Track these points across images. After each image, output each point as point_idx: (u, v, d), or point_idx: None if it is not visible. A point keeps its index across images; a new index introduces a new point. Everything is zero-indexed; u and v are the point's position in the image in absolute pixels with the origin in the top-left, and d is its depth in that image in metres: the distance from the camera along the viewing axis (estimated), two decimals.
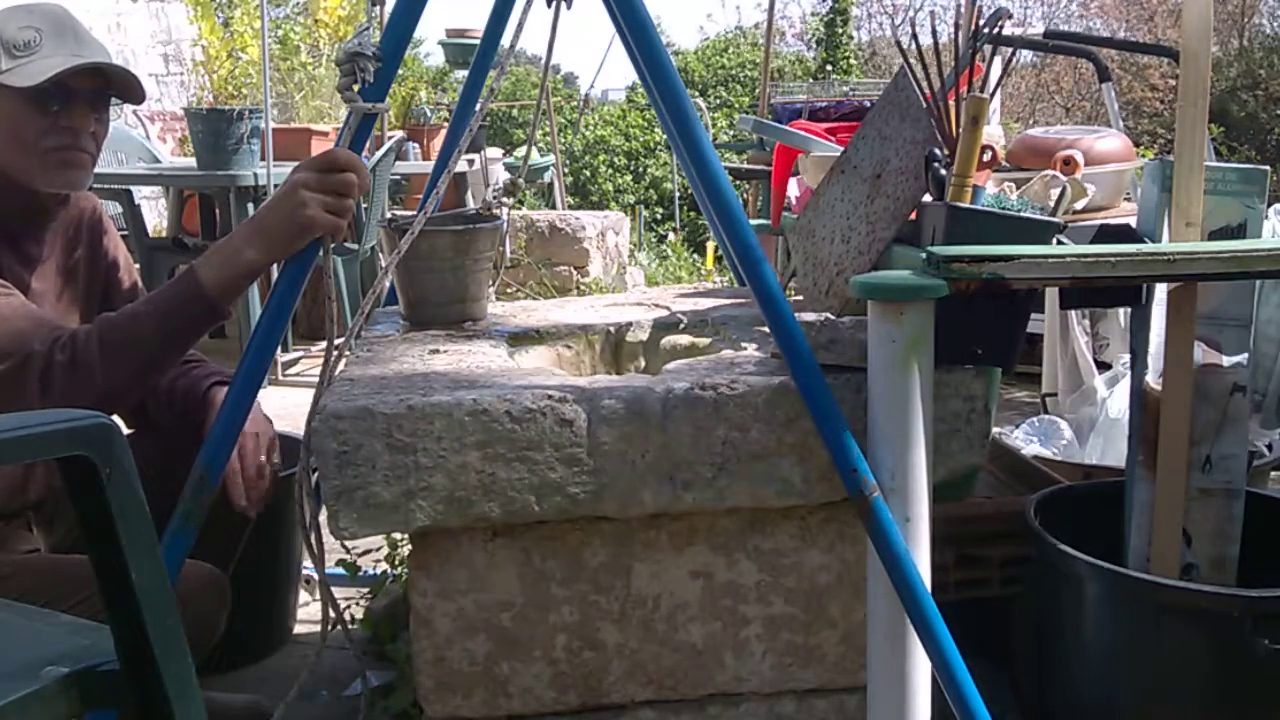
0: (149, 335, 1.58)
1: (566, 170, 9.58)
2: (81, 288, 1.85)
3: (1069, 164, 2.30)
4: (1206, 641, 1.57)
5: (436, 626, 1.61)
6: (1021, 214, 1.62)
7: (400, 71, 2.82)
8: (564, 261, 6.02)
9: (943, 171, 1.62)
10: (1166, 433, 1.65)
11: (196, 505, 1.53)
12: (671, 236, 8.03)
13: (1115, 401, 2.62)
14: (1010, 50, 2.10)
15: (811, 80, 9.84)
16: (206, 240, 5.33)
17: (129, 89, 1.75)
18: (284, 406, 3.68)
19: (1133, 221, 1.86)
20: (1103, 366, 3.04)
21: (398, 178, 5.61)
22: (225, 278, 1.58)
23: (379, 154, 4.81)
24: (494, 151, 6.50)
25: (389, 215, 2.32)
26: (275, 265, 1.60)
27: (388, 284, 2.13)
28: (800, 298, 1.96)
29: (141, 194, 5.76)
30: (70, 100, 1.68)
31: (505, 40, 1.90)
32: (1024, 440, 2.68)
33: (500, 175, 6.06)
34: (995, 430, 2.46)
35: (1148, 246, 1.64)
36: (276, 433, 1.85)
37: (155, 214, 6.96)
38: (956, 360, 1.57)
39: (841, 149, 2.04)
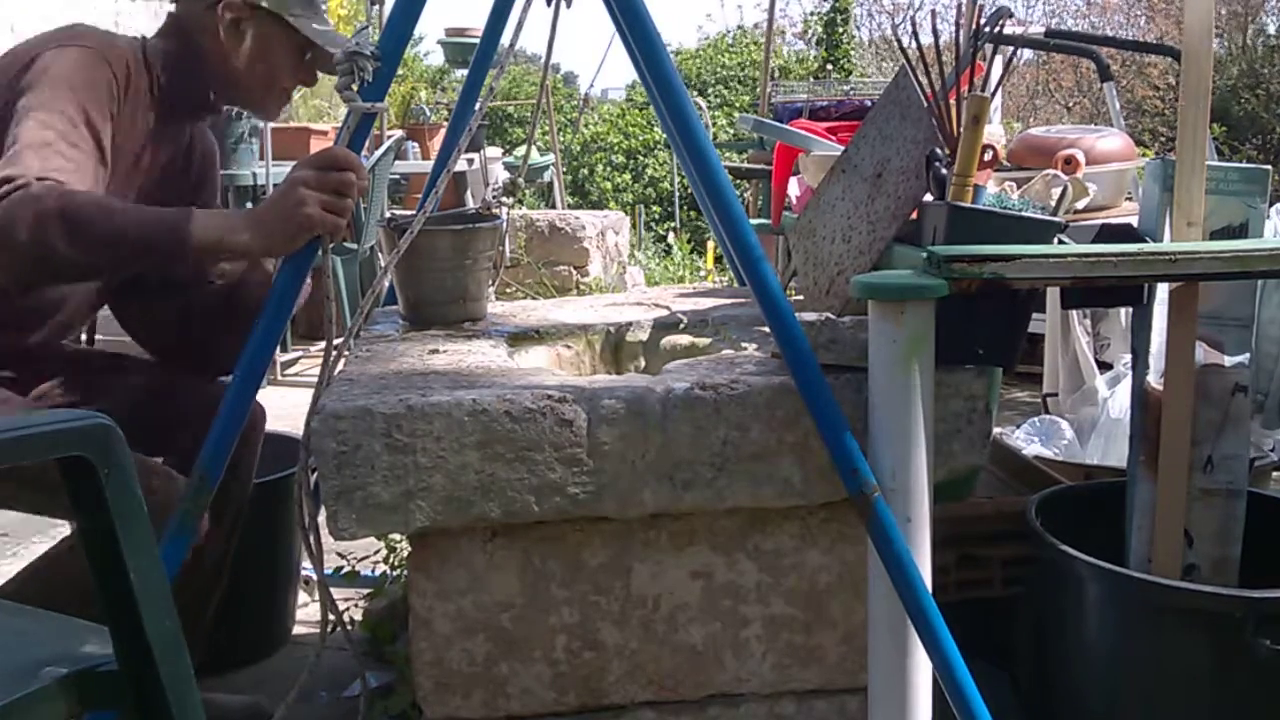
0: (110, 230, 1.52)
1: (565, 169, 9.58)
2: (166, 187, 1.86)
3: (1070, 163, 2.29)
4: (1208, 642, 1.57)
5: (436, 627, 1.61)
6: (1023, 213, 1.62)
7: (400, 71, 2.82)
8: (564, 261, 6.02)
9: (943, 171, 1.62)
10: (1168, 433, 1.64)
11: (196, 505, 1.53)
12: (672, 236, 8.03)
13: (1116, 401, 2.62)
14: (1011, 49, 2.09)
15: (812, 80, 9.84)
16: None
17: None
18: (283, 406, 3.67)
19: (1134, 221, 1.86)
20: (1104, 366, 3.04)
21: (397, 177, 5.61)
22: (211, 240, 1.55)
23: (378, 153, 4.80)
24: (493, 151, 6.50)
25: (388, 215, 2.32)
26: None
27: (387, 284, 2.13)
28: (800, 298, 1.95)
29: None
30: (317, 58, 1.87)
31: (505, 40, 1.90)
32: (1025, 440, 2.68)
33: (500, 175, 6.06)
34: (996, 430, 2.46)
35: (1149, 246, 1.63)
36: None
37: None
38: (957, 360, 1.57)
39: (842, 149, 2.04)
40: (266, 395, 2.32)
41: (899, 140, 1.76)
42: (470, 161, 5.73)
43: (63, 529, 2.49)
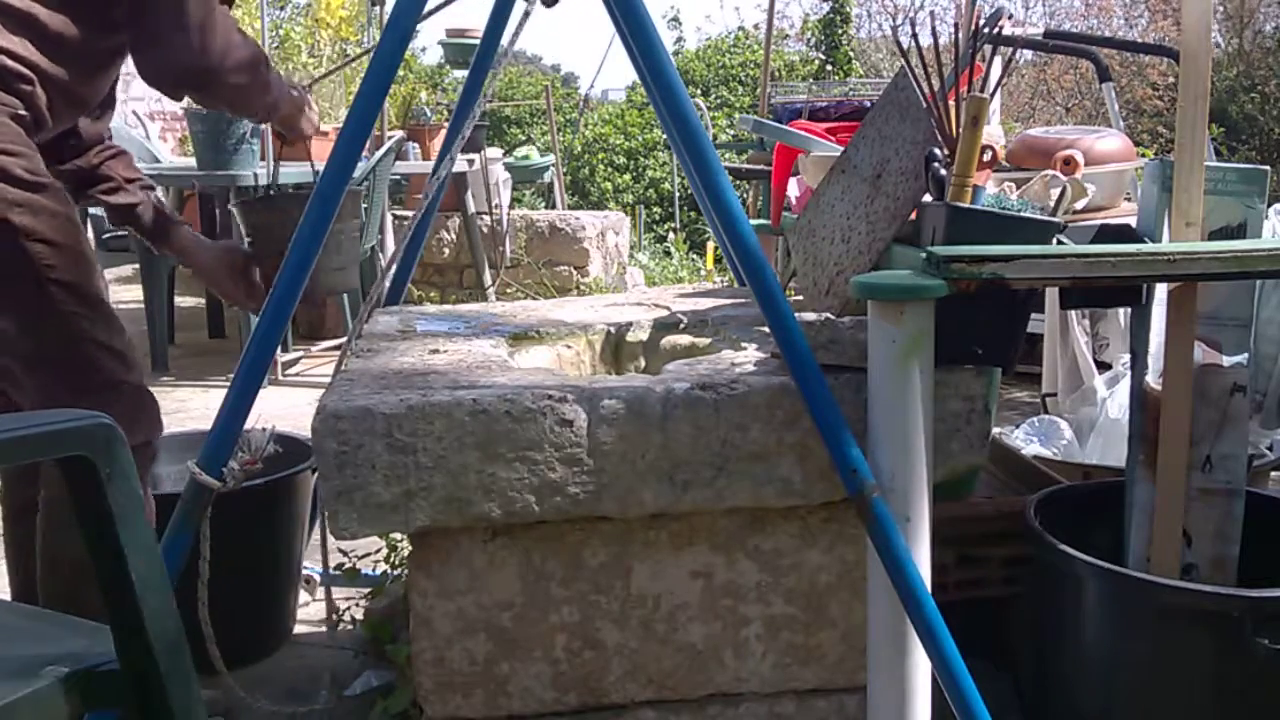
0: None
1: (565, 170, 9.58)
2: None
3: (1069, 164, 2.29)
4: (1206, 642, 1.57)
5: (436, 627, 1.61)
6: (1022, 214, 1.62)
7: (400, 72, 2.82)
8: (564, 261, 6.03)
9: (943, 171, 1.62)
10: (1166, 433, 1.65)
11: (196, 506, 1.53)
12: (672, 236, 8.03)
13: (1115, 401, 2.62)
14: (1010, 50, 2.09)
15: (812, 80, 9.84)
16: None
17: None
18: (284, 406, 3.68)
19: (1133, 221, 1.86)
20: (1103, 366, 3.04)
21: (397, 178, 5.61)
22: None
23: (379, 154, 4.80)
24: (494, 151, 6.50)
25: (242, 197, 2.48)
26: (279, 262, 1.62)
27: (388, 284, 2.13)
28: (800, 298, 1.96)
29: None
30: None
31: (504, 41, 1.90)
32: (1024, 440, 2.68)
33: (500, 174, 6.06)
34: (995, 430, 2.46)
35: (1148, 246, 1.64)
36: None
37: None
38: (956, 360, 1.57)
39: (841, 149, 2.04)
40: (267, 395, 2.33)
41: (898, 141, 1.76)
42: (471, 162, 5.73)
43: None
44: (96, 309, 1.75)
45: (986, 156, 1.64)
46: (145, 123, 6.79)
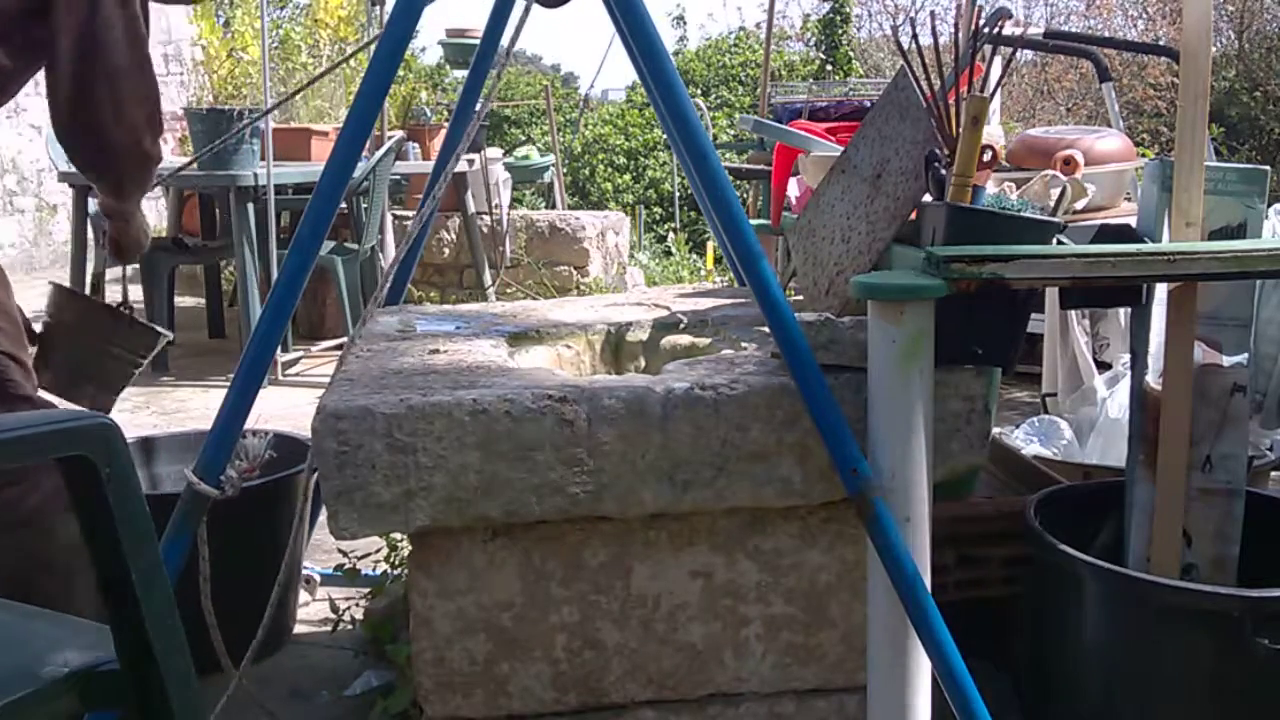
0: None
1: (565, 170, 9.58)
2: None
3: (1069, 164, 2.29)
4: (1206, 642, 1.57)
5: (436, 626, 1.61)
6: (1021, 214, 1.62)
7: (400, 72, 2.82)
8: (564, 261, 6.03)
9: (943, 171, 1.62)
10: (1167, 433, 1.65)
11: (195, 507, 1.53)
12: (672, 236, 8.03)
13: (1115, 401, 2.62)
14: (1010, 50, 2.10)
15: (812, 80, 9.83)
16: (206, 240, 5.33)
17: None
18: (284, 406, 3.69)
19: (1133, 221, 1.86)
20: (1103, 366, 3.04)
21: (397, 178, 5.61)
22: None
23: (379, 154, 4.80)
24: (494, 151, 6.50)
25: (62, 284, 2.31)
26: (276, 265, 1.62)
27: (387, 287, 2.13)
28: (800, 298, 1.96)
29: None
30: None
31: (504, 41, 1.90)
32: (1024, 440, 2.68)
33: (501, 174, 6.06)
34: (995, 430, 2.46)
35: (1148, 246, 1.64)
36: None
37: (155, 214, 6.97)
38: (956, 360, 1.57)
39: (841, 149, 2.04)
40: (267, 395, 2.33)
41: (898, 141, 1.76)
42: (471, 163, 5.73)
43: None
44: (8, 321, 1.77)
45: (986, 156, 1.64)
46: None
